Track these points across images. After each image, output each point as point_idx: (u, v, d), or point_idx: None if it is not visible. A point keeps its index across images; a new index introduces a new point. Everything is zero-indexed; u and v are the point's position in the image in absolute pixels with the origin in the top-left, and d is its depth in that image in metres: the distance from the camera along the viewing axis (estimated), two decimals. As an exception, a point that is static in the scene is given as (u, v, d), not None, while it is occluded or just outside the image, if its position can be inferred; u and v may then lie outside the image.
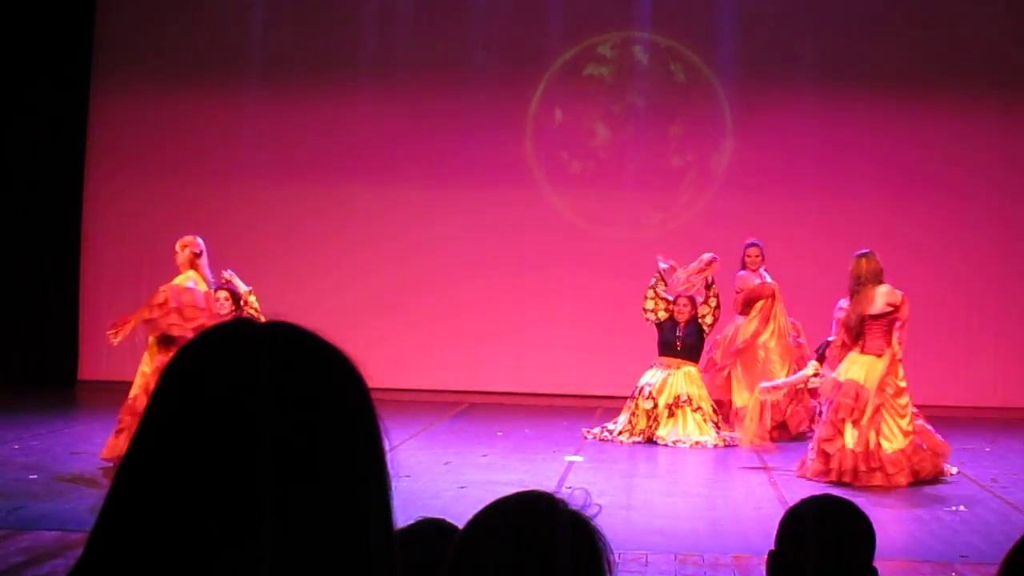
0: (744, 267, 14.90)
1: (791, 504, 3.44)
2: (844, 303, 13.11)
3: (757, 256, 14.84)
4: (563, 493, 1.93)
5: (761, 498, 10.88)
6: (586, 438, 14.13)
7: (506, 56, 17.87)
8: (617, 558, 1.92)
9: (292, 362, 1.37)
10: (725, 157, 17.78)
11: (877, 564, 3.24)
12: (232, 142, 17.86)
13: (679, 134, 17.87)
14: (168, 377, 1.39)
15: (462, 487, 10.65)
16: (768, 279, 14.74)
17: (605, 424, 14.50)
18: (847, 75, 17.55)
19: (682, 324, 14.59)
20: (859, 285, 12.18)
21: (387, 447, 1.41)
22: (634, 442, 13.97)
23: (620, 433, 14.12)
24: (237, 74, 17.91)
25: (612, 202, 17.58)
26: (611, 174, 17.74)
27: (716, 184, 17.71)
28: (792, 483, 11.52)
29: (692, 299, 14.63)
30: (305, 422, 1.34)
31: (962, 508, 10.62)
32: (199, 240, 11.79)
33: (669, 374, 14.39)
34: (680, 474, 12.53)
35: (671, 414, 14.18)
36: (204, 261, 11.69)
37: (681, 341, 14.56)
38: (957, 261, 17.24)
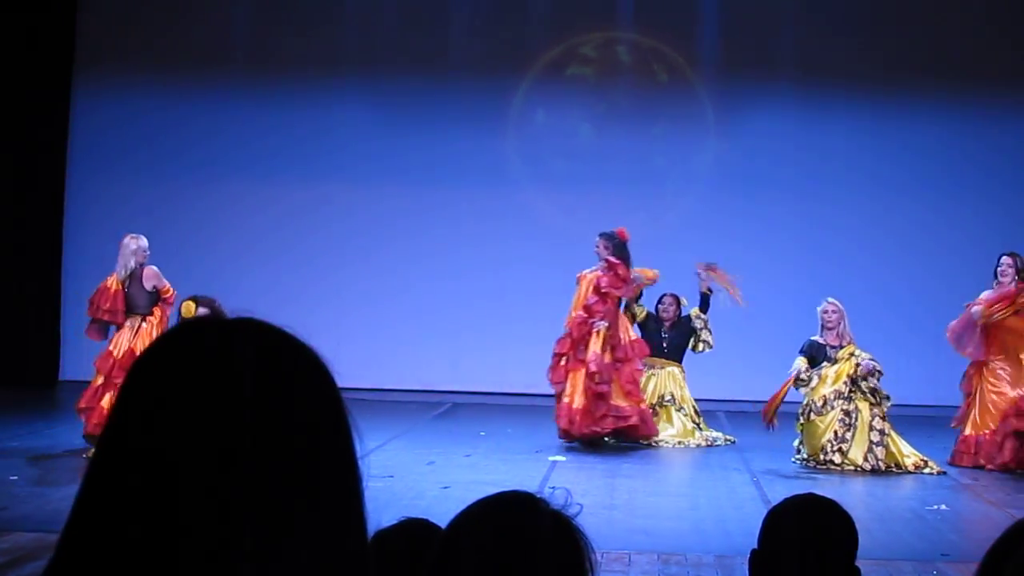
0: None
1: (774, 503, 3.45)
2: (831, 300, 13.15)
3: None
4: (545, 493, 1.93)
5: (744, 497, 10.90)
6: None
7: (489, 56, 17.87)
8: (600, 558, 1.92)
9: (258, 356, 1.36)
10: (708, 157, 17.80)
11: (859, 563, 3.25)
12: (215, 140, 17.83)
13: (662, 134, 17.89)
14: (135, 374, 1.37)
15: (445, 487, 10.64)
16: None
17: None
18: (830, 75, 17.58)
19: (668, 324, 14.55)
20: None
21: (357, 441, 1.40)
22: (618, 443, 13.97)
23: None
24: (220, 71, 17.89)
25: (595, 202, 17.55)
26: (594, 174, 17.73)
27: (699, 184, 17.72)
28: (775, 482, 11.53)
29: (677, 298, 14.59)
30: (273, 416, 1.33)
31: (943, 507, 10.65)
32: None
33: (652, 374, 14.37)
34: (663, 474, 12.54)
35: (654, 413, 14.17)
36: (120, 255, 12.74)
37: (667, 341, 14.52)
38: (946, 259, 17.23)
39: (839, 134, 17.61)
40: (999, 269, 13.18)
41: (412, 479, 11.02)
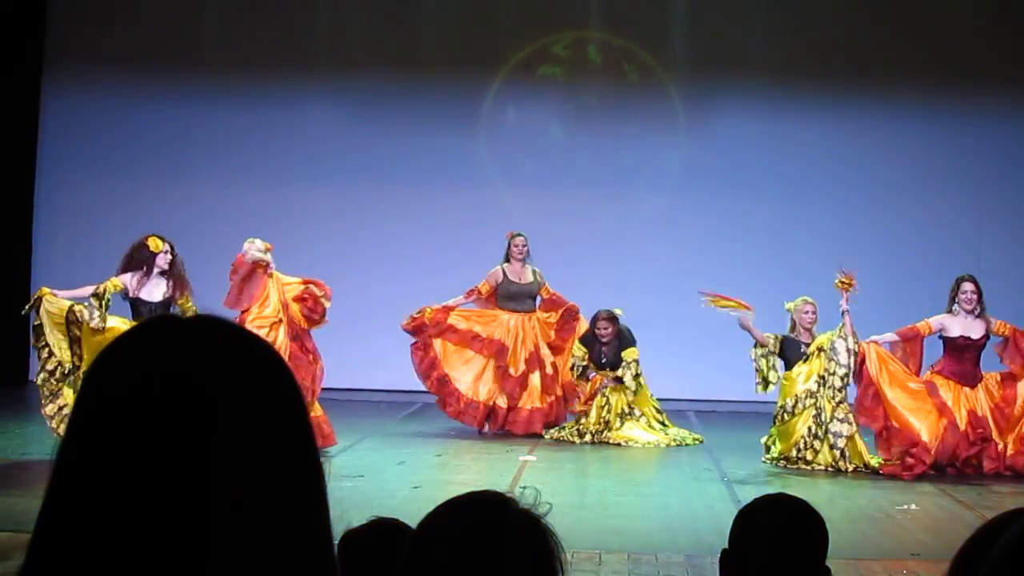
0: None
1: (744, 503, 3.45)
2: (809, 300, 13.18)
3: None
4: (515, 493, 1.93)
5: (714, 497, 10.91)
6: (545, 438, 14.07)
7: (459, 55, 17.85)
8: (570, 557, 1.92)
9: (218, 354, 1.35)
10: (678, 157, 17.82)
11: (829, 563, 3.25)
12: (185, 140, 17.77)
13: (632, 134, 17.90)
14: (95, 374, 1.36)
15: (416, 487, 10.62)
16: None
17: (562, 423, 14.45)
18: (799, 76, 17.63)
19: (605, 347, 14.28)
20: None
21: (316, 439, 1.39)
22: (587, 442, 13.95)
23: (574, 432, 14.07)
24: (190, 71, 17.82)
25: (565, 201, 17.57)
26: (564, 173, 17.74)
27: (669, 183, 17.74)
28: (745, 482, 11.55)
29: (610, 315, 14.31)
30: (243, 413, 1.32)
31: (913, 507, 10.68)
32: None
33: (613, 388, 14.27)
34: (633, 473, 12.55)
35: (622, 423, 14.14)
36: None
37: (607, 357, 14.23)
38: (918, 258, 17.27)
39: (808, 134, 17.64)
40: (962, 297, 12.85)
41: (382, 479, 11.00)
